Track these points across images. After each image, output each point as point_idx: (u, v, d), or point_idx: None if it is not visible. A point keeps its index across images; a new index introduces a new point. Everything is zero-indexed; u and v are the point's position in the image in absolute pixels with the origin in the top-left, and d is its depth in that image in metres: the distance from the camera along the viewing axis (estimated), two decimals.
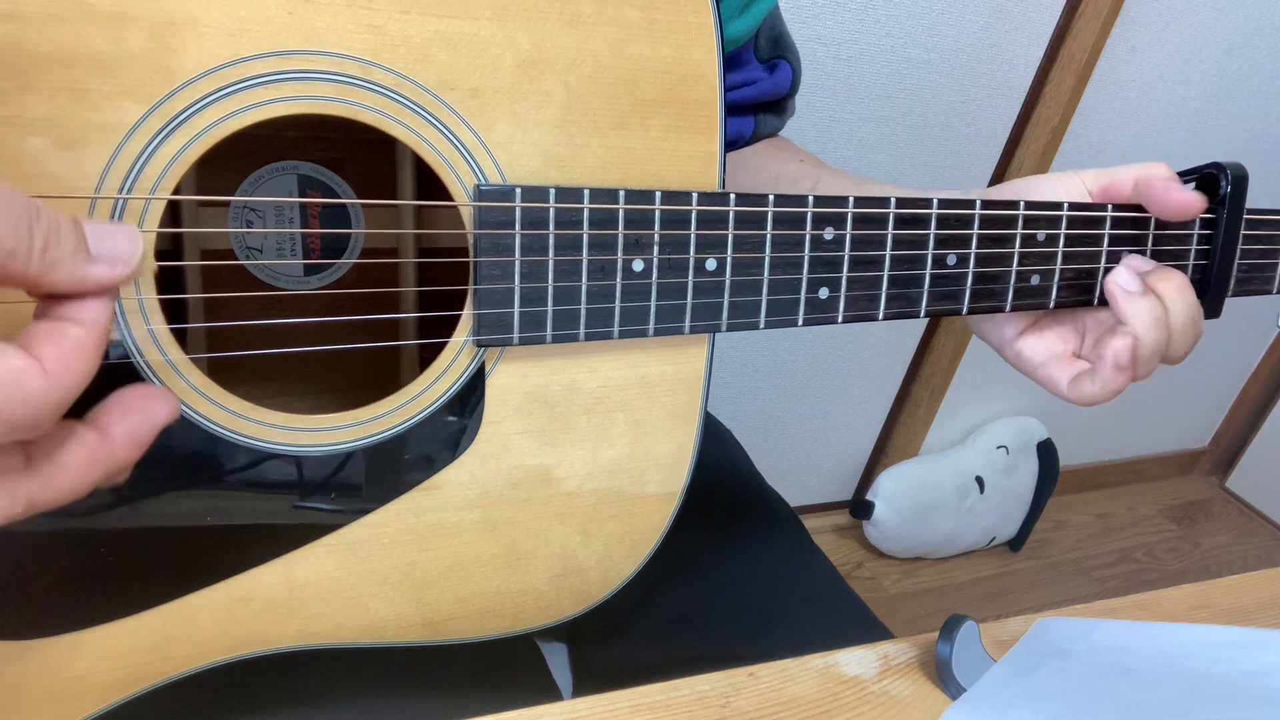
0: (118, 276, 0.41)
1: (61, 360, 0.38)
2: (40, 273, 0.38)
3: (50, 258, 0.38)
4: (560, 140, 0.55)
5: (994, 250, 0.66)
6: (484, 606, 0.62)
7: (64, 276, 0.39)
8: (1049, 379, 0.71)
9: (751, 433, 1.97)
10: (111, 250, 0.41)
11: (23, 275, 0.38)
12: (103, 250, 0.40)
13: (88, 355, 0.40)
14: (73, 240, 0.39)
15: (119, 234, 0.41)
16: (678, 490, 0.65)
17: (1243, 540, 2.68)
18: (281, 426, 0.54)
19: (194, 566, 0.55)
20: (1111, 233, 0.69)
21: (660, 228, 0.57)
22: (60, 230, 0.39)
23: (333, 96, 0.50)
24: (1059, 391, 0.70)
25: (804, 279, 0.61)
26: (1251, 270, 0.74)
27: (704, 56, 0.57)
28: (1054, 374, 0.70)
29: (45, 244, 0.38)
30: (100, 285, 0.40)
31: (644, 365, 0.61)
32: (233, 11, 0.47)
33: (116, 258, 0.41)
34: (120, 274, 0.41)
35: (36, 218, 0.37)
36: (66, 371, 0.39)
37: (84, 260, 0.40)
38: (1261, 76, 2.08)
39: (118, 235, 0.41)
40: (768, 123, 0.93)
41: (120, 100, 0.46)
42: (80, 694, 0.54)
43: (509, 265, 0.54)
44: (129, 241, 0.41)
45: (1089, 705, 0.55)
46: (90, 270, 0.40)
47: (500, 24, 0.52)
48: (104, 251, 0.40)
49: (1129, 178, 0.69)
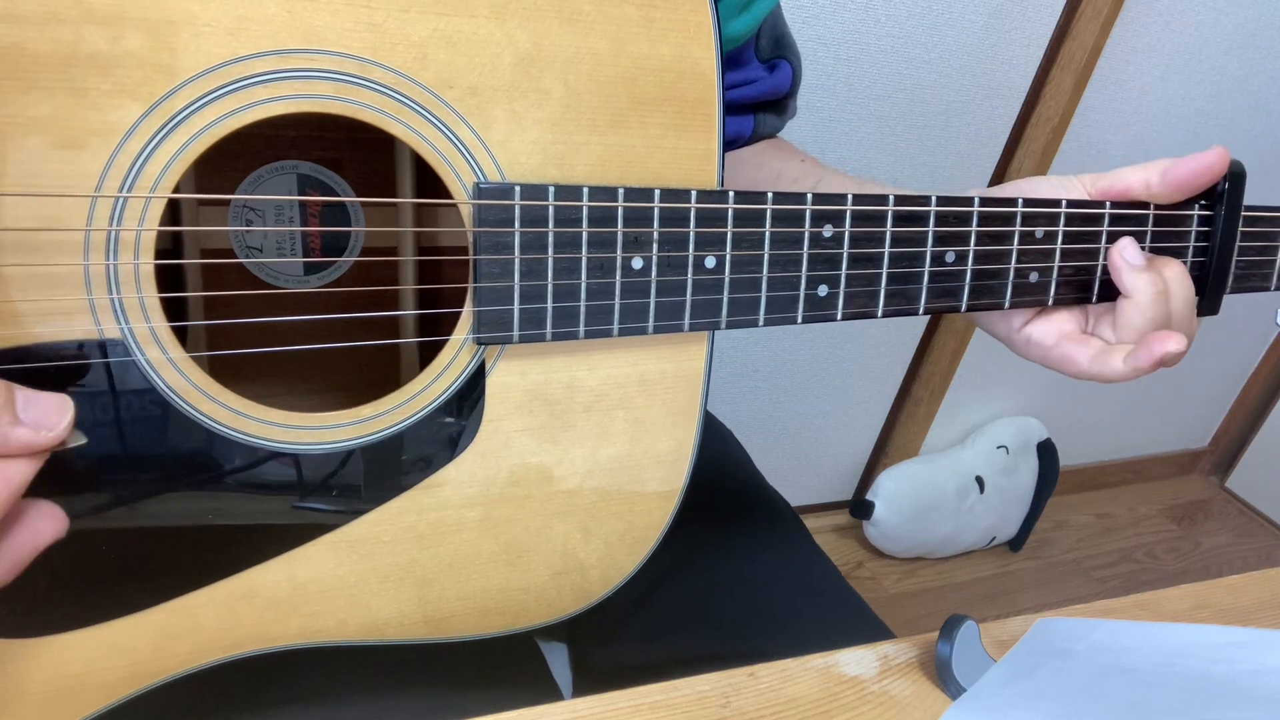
0: (41, 442, 0.42)
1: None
2: None
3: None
4: (559, 138, 0.55)
5: (992, 248, 0.66)
6: (485, 604, 0.62)
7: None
8: (1064, 357, 0.70)
9: (751, 433, 1.97)
10: (38, 417, 0.41)
11: None
12: (29, 416, 0.41)
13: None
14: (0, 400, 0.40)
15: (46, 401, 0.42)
16: (678, 488, 0.65)
17: (1243, 540, 2.68)
18: (282, 425, 0.54)
19: (196, 564, 0.55)
20: (1110, 229, 0.69)
21: (659, 225, 0.57)
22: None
23: (332, 95, 0.50)
24: (1079, 368, 0.69)
25: (803, 276, 0.61)
26: (1249, 267, 0.74)
27: (702, 54, 0.57)
28: (1069, 352, 0.70)
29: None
30: (23, 448, 0.41)
31: (644, 363, 0.61)
32: (232, 10, 0.47)
33: (42, 424, 0.42)
34: (44, 440, 0.42)
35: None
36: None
37: (8, 422, 0.41)
38: (1261, 76, 2.08)
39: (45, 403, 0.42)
40: (767, 122, 0.93)
41: (120, 99, 0.46)
42: (82, 692, 0.54)
43: (509, 263, 0.54)
44: (57, 409, 0.42)
45: (1089, 705, 0.55)
46: (13, 432, 0.41)
47: (499, 22, 0.52)
48: (30, 418, 0.41)
49: (1127, 179, 0.69)
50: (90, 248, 0.48)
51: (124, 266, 0.48)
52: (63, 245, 0.47)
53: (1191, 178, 0.68)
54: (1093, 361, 0.68)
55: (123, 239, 0.48)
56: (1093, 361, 0.68)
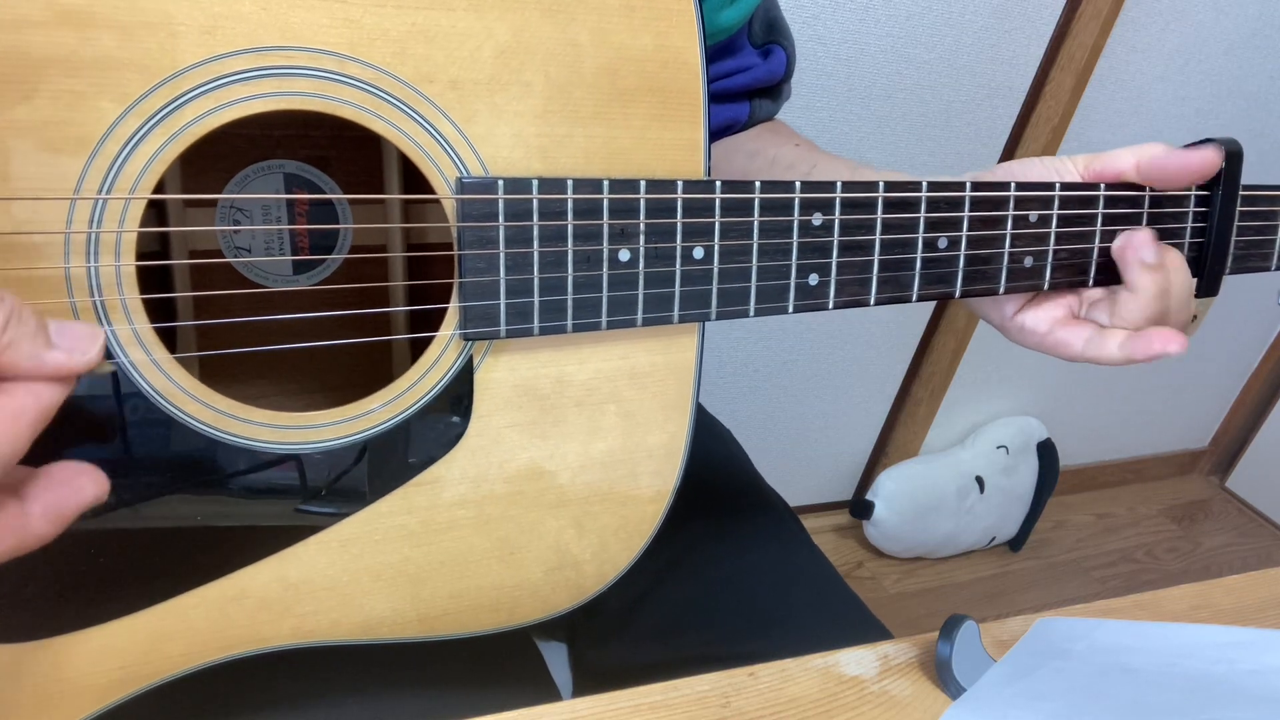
0: (75, 365, 0.42)
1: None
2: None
3: (9, 338, 0.39)
4: (542, 131, 0.55)
5: (986, 233, 0.65)
6: (479, 601, 0.62)
7: (21, 357, 0.40)
8: (1058, 343, 0.70)
9: (751, 433, 1.97)
10: (71, 342, 0.42)
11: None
12: (62, 340, 0.41)
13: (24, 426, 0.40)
14: (33, 323, 0.40)
15: (78, 329, 0.42)
16: (671, 481, 0.65)
17: (1243, 540, 2.68)
18: (270, 425, 0.54)
19: (186, 566, 0.55)
20: (1105, 212, 0.68)
21: (646, 216, 0.56)
22: (22, 312, 0.40)
23: (311, 92, 0.50)
24: (1073, 351, 0.69)
25: (793, 265, 0.61)
26: (1249, 247, 0.74)
27: (685, 43, 0.56)
28: (1063, 337, 0.70)
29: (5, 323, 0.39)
30: (57, 371, 0.41)
31: (634, 356, 0.61)
32: (206, 8, 0.47)
33: (74, 349, 0.42)
34: (78, 362, 0.42)
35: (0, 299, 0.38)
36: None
37: (43, 345, 0.41)
38: (1261, 76, 2.08)
39: (77, 330, 0.42)
40: (763, 107, 0.93)
41: (96, 100, 0.46)
42: (76, 696, 0.54)
43: (493, 258, 0.54)
44: (88, 337, 0.42)
45: (1089, 705, 0.55)
46: (48, 355, 0.41)
47: (478, 15, 0.52)
48: (62, 343, 0.41)
49: (1121, 161, 0.68)
50: (71, 250, 0.47)
51: (105, 268, 0.48)
52: (43, 248, 0.47)
53: (1179, 174, 0.67)
54: (1087, 345, 0.68)
55: (103, 240, 0.48)
56: (1087, 345, 0.68)
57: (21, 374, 0.40)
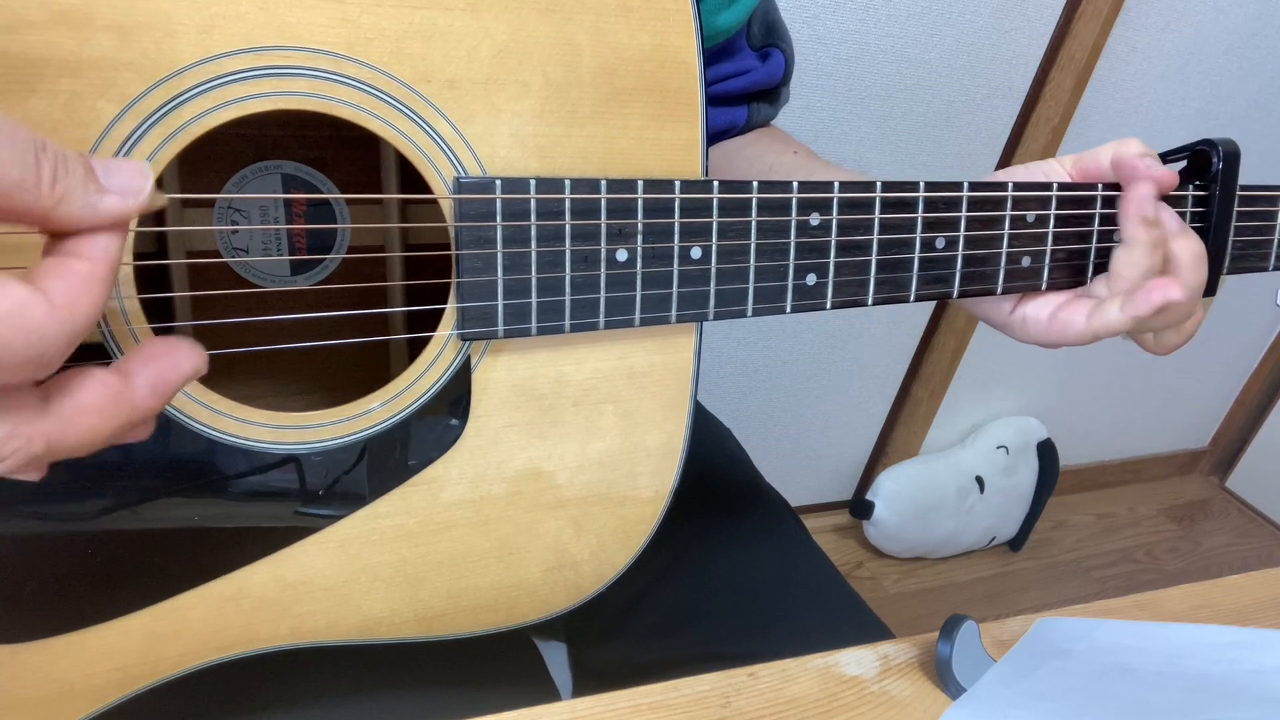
0: (130, 208, 0.40)
1: (68, 293, 0.37)
2: (51, 205, 0.37)
3: (60, 189, 0.37)
4: (540, 131, 0.55)
5: (983, 233, 0.65)
6: (477, 601, 0.62)
7: (75, 208, 0.38)
8: (1062, 326, 0.69)
9: (751, 433, 1.97)
10: (121, 183, 0.40)
11: (33, 207, 0.37)
12: (112, 183, 0.39)
13: (96, 289, 0.39)
14: (81, 171, 0.38)
15: (127, 167, 0.40)
16: (670, 481, 0.65)
17: (1243, 540, 2.68)
18: (267, 425, 0.54)
19: (183, 567, 0.55)
20: (1102, 211, 0.68)
21: (643, 216, 0.56)
22: (69, 161, 0.38)
23: (308, 92, 0.50)
24: (1079, 329, 0.68)
25: (791, 265, 0.61)
26: (1246, 247, 0.74)
27: (682, 43, 0.56)
28: (1066, 318, 0.69)
29: (54, 175, 0.37)
30: (113, 217, 0.39)
31: (631, 356, 0.61)
32: (203, 8, 0.47)
33: (127, 189, 0.40)
34: (132, 206, 0.40)
35: (43, 149, 0.37)
36: (73, 305, 0.37)
37: (95, 191, 0.39)
38: (1261, 76, 2.08)
39: (126, 168, 0.40)
40: (761, 111, 0.93)
41: (93, 100, 0.46)
42: (73, 697, 0.54)
43: (491, 258, 0.54)
44: (139, 174, 0.40)
45: (1089, 705, 0.55)
46: (101, 201, 0.39)
47: (475, 14, 0.52)
48: (114, 184, 0.40)
49: (1103, 156, 0.68)
50: None
51: None
52: (40, 248, 0.47)
53: (1142, 178, 0.68)
54: (1090, 319, 0.67)
55: None
56: (1090, 319, 0.67)
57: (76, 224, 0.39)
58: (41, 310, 0.36)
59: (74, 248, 0.39)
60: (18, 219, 0.37)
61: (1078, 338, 0.68)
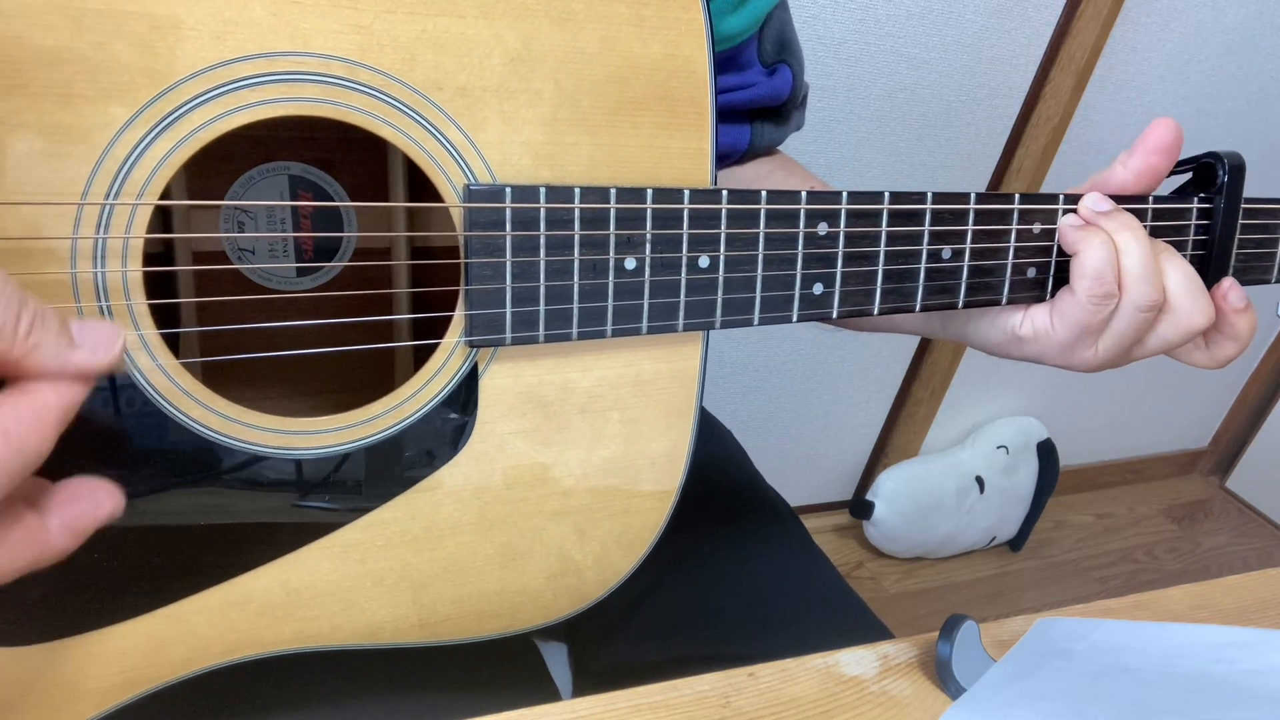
0: (98, 363, 0.41)
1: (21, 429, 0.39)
2: (23, 354, 0.39)
3: (34, 340, 0.39)
4: (550, 139, 0.55)
5: (989, 244, 0.65)
6: (481, 607, 0.62)
7: (46, 359, 0.40)
8: (1076, 319, 0.67)
9: (751, 433, 1.97)
10: (93, 339, 0.41)
11: (5, 355, 0.38)
12: (84, 339, 0.41)
13: (48, 425, 0.40)
14: (56, 325, 0.40)
15: (101, 328, 0.42)
16: (673, 488, 0.65)
17: (1243, 540, 2.68)
18: (274, 430, 0.54)
19: (189, 570, 0.55)
20: None
21: (652, 226, 0.56)
22: (45, 315, 0.39)
23: (320, 98, 0.50)
24: (1080, 310, 0.66)
25: (798, 275, 0.61)
26: (1249, 259, 0.74)
27: (694, 52, 0.56)
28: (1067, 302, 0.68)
29: (30, 326, 0.39)
30: (81, 371, 0.41)
31: (638, 364, 0.61)
32: (217, 13, 0.47)
33: (97, 346, 0.42)
34: (101, 361, 0.42)
35: (24, 302, 0.38)
36: (24, 441, 0.39)
37: (67, 345, 0.40)
38: (1261, 76, 2.08)
39: (99, 329, 0.42)
40: (765, 133, 0.90)
41: (106, 104, 0.46)
42: (77, 699, 0.54)
43: (500, 266, 0.54)
44: (110, 334, 0.42)
45: (1089, 705, 0.54)
46: (72, 355, 0.41)
47: (487, 22, 0.52)
48: (85, 340, 0.41)
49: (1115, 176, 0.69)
50: (78, 255, 0.47)
51: (112, 274, 0.48)
52: (50, 253, 0.47)
53: (1146, 158, 0.68)
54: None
55: (110, 246, 0.48)
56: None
57: (45, 375, 0.40)
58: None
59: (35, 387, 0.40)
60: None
61: (1075, 320, 0.67)
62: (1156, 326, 0.67)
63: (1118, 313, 0.65)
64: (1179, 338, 0.67)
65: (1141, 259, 0.64)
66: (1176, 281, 0.66)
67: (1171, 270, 0.66)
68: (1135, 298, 0.65)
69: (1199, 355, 0.72)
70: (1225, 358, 0.71)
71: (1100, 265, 0.64)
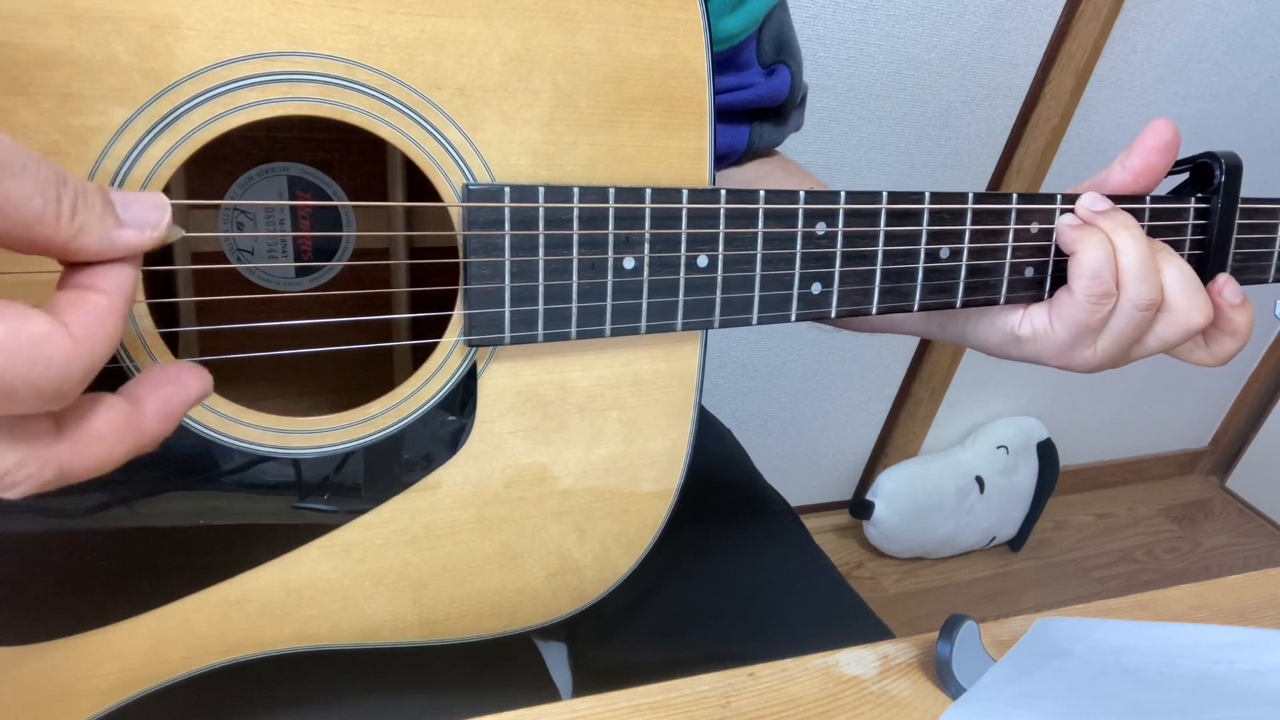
0: (146, 241, 0.40)
1: (87, 326, 0.38)
2: (70, 237, 0.38)
3: (79, 222, 0.38)
4: (549, 139, 0.55)
5: (987, 244, 0.66)
6: (480, 606, 0.62)
7: (93, 240, 0.38)
8: (1064, 308, 0.67)
9: (751, 433, 1.97)
10: (139, 215, 0.40)
11: (51, 240, 0.37)
12: (130, 216, 0.40)
13: (114, 321, 0.39)
14: (100, 204, 0.39)
15: (145, 200, 0.41)
16: (673, 487, 0.65)
17: (1243, 540, 2.68)
18: (273, 429, 0.54)
19: (188, 570, 0.55)
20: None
21: (651, 225, 0.56)
22: (88, 194, 0.38)
23: (319, 98, 0.50)
24: (1079, 309, 0.67)
25: (796, 274, 0.61)
26: (1247, 259, 0.74)
27: (692, 53, 0.56)
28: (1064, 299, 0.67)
29: (74, 208, 0.37)
30: (129, 249, 0.40)
31: (637, 363, 0.61)
32: (216, 14, 0.47)
33: (144, 223, 0.40)
34: (149, 238, 0.40)
35: (64, 182, 0.37)
36: (92, 338, 0.38)
37: (112, 224, 0.39)
38: (1262, 76, 2.08)
39: (143, 201, 0.41)
40: (764, 134, 0.90)
41: (105, 104, 0.46)
42: (76, 698, 0.54)
43: (499, 265, 0.54)
44: (155, 207, 0.41)
45: (1089, 705, 0.54)
46: (119, 234, 0.39)
47: (486, 22, 0.52)
48: (131, 217, 0.40)
49: (1114, 177, 0.69)
50: None
51: None
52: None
53: (1144, 158, 0.68)
54: None
55: None
56: None
57: (93, 256, 0.39)
58: (64, 344, 0.37)
59: (91, 280, 0.39)
60: (37, 250, 0.38)
61: (1076, 314, 0.67)
62: (1155, 326, 0.67)
63: (1116, 312, 0.65)
64: (1178, 336, 0.67)
65: (1139, 258, 0.64)
66: (1174, 280, 0.66)
67: (1169, 269, 0.66)
68: (1133, 296, 0.65)
69: (1199, 353, 0.72)
70: (1226, 354, 0.71)
71: (1098, 264, 0.64)
